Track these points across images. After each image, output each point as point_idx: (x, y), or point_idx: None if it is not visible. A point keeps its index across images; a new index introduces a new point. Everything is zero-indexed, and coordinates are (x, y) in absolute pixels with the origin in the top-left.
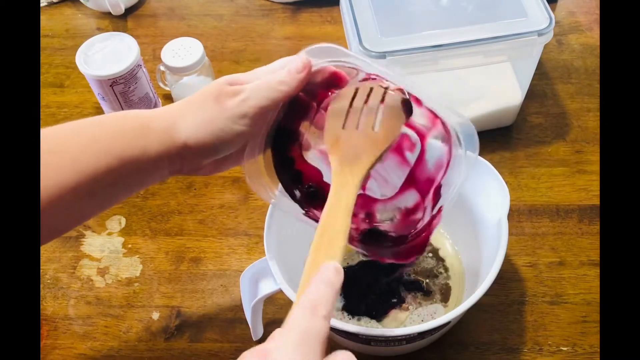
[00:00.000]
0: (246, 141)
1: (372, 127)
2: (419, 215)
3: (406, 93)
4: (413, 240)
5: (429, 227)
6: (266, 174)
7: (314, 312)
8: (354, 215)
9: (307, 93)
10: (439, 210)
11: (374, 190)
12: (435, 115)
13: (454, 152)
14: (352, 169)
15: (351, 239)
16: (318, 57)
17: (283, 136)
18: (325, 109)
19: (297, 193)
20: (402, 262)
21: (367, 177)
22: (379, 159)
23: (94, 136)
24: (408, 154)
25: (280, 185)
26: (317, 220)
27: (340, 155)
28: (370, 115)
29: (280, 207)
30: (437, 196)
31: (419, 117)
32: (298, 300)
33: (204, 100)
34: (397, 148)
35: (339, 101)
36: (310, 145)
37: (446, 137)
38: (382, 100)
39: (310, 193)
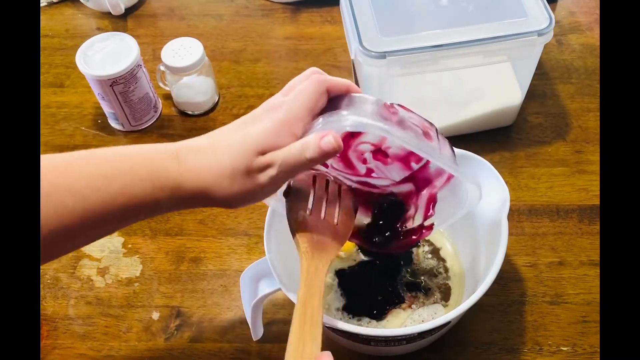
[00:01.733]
0: None
1: (335, 221)
2: (411, 211)
3: (352, 193)
4: (403, 237)
5: (419, 233)
6: None
7: None
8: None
9: None
10: (430, 226)
11: (373, 182)
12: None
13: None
14: (321, 257)
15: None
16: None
17: None
18: None
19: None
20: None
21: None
22: (339, 251)
23: (124, 188)
24: (413, 164)
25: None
26: None
27: (310, 239)
28: (331, 207)
29: (280, 209)
30: (431, 204)
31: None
32: None
33: (235, 173)
34: (404, 159)
35: (300, 184)
36: None
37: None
38: (339, 194)
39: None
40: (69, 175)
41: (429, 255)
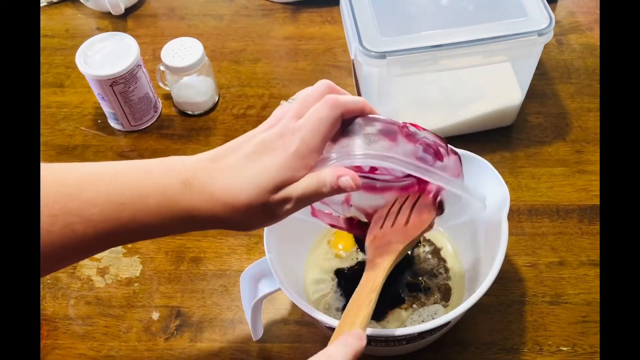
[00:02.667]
0: None
1: (405, 223)
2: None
3: (440, 195)
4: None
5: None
6: None
7: None
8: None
9: None
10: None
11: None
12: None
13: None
14: (383, 256)
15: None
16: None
17: None
18: None
19: None
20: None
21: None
22: (411, 243)
23: (135, 216)
24: None
25: None
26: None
27: (375, 247)
28: (404, 215)
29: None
30: (435, 199)
31: None
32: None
33: (251, 210)
34: None
35: (381, 210)
36: None
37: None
38: (416, 202)
39: None
40: (80, 198)
41: (429, 256)
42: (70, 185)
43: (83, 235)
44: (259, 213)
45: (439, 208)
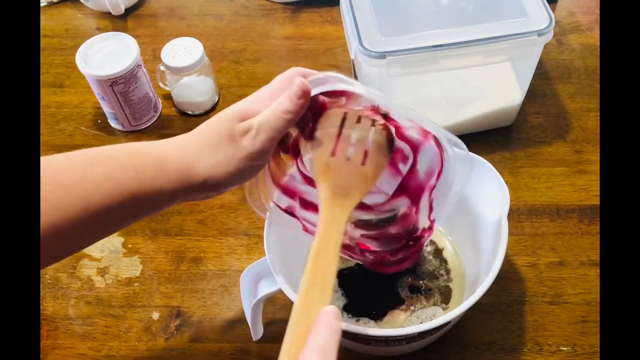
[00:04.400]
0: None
1: (362, 162)
2: (411, 220)
3: (391, 130)
4: (408, 249)
5: (421, 238)
6: (263, 189)
7: (325, 358)
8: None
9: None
10: (432, 223)
11: (366, 198)
12: (427, 131)
13: (445, 156)
14: (343, 204)
15: (352, 251)
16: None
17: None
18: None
19: (293, 202)
20: (397, 269)
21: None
22: (365, 194)
23: (108, 173)
24: (401, 166)
25: (274, 198)
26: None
27: (332, 185)
28: (359, 147)
29: (278, 222)
30: (430, 206)
31: (412, 131)
32: (307, 345)
33: (219, 141)
34: (391, 161)
35: (327, 125)
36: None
37: (437, 146)
38: (372, 130)
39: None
40: (52, 166)
41: (431, 257)
42: (59, 167)
43: (70, 207)
44: (227, 144)
45: (390, 148)
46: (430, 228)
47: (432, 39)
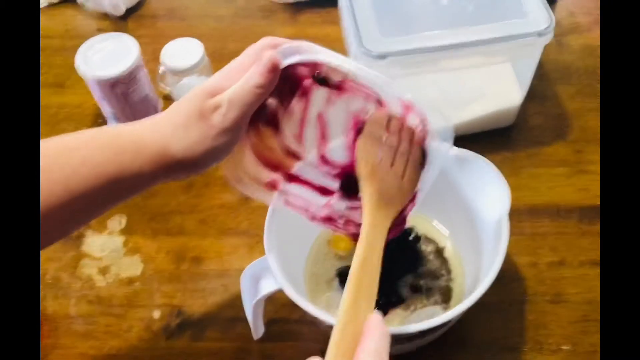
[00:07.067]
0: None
1: (402, 176)
2: None
3: (426, 144)
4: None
5: (404, 211)
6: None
7: None
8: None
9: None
10: (415, 195)
11: None
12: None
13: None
14: (387, 212)
15: (335, 223)
16: (287, 56)
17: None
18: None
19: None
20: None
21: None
22: (402, 207)
23: (86, 156)
24: None
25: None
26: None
27: (379, 190)
28: (401, 158)
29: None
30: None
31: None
32: (361, 348)
33: (190, 120)
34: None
35: (374, 125)
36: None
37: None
38: (410, 143)
39: None
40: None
41: (432, 257)
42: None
43: (51, 191)
44: (198, 122)
45: (423, 164)
46: (413, 200)
47: (432, 39)
